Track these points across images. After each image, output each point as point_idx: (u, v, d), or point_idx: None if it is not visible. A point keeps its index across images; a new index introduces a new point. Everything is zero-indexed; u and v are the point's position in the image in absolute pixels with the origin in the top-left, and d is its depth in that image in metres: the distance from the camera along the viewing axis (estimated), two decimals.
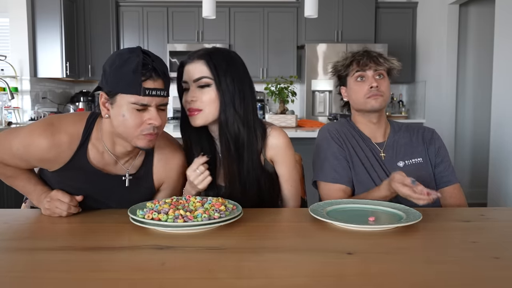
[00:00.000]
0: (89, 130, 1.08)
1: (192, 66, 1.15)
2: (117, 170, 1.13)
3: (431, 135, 1.44)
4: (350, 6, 4.92)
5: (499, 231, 1.00)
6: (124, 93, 0.98)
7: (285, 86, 3.37)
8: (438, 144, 1.43)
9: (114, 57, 1.01)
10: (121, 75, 0.97)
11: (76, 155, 1.07)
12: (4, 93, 3.94)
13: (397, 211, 1.09)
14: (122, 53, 1.00)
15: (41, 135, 1.03)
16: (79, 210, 1.11)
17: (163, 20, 5.00)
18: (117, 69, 0.98)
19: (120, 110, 1.00)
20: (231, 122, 1.15)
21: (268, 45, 4.99)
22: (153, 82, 0.99)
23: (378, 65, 1.36)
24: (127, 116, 0.99)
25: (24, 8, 4.27)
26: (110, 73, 0.99)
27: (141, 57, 0.98)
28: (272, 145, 1.21)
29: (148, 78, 0.98)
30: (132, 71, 0.97)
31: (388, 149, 1.40)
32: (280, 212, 1.23)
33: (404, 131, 1.44)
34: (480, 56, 4.38)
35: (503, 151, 3.20)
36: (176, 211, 0.97)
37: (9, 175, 1.14)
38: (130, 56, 0.98)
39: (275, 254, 0.82)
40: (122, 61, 0.98)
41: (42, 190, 1.13)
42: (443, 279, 0.70)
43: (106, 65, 1.01)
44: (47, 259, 0.79)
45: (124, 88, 0.98)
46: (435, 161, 1.40)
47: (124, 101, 0.99)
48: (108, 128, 1.06)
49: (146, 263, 0.76)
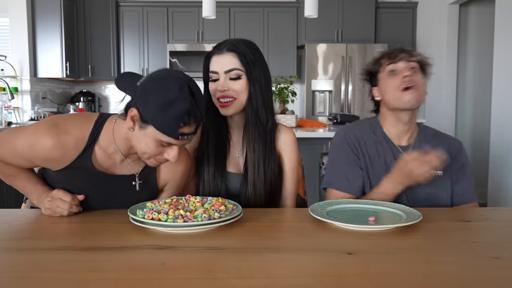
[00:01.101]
0: (97, 132, 1.07)
1: (222, 58, 1.20)
2: (122, 171, 1.13)
3: (457, 149, 1.37)
4: (350, 6, 4.92)
5: (499, 231, 1.00)
6: (158, 130, 0.95)
7: (285, 86, 3.37)
8: (462, 160, 1.37)
9: (161, 86, 0.95)
10: (162, 114, 0.94)
11: (81, 156, 1.06)
12: (4, 93, 3.94)
13: (397, 211, 1.09)
14: (170, 88, 0.94)
15: (46, 134, 1.02)
16: (80, 209, 1.11)
17: (163, 20, 5.00)
18: (160, 106, 0.93)
19: (145, 138, 0.98)
20: (260, 110, 1.23)
21: (268, 45, 4.99)
22: (189, 128, 0.97)
23: (410, 56, 1.30)
24: (150, 145, 0.99)
25: (24, 8, 4.27)
26: (152, 104, 0.94)
27: (188, 102, 0.94)
28: (283, 139, 1.30)
29: (187, 124, 0.96)
30: (175, 117, 0.93)
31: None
32: (280, 212, 1.23)
33: (431, 138, 1.38)
34: (480, 56, 4.38)
35: (503, 151, 3.20)
36: (176, 211, 0.97)
37: (9, 174, 1.13)
38: (178, 97, 0.94)
39: (275, 254, 0.82)
40: (168, 100, 0.93)
41: (43, 190, 1.12)
42: (443, 279, 0.70)
43: (149, 89, 0.95)
44: (47, 259, 0.79)
45: (161, 127, 0.95)
46: (456, 177, 1.35)
47: (154, 134, 0.96)
48: (124, 134, 1.04)
49: (146, 263, 0.76)
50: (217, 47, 1.23)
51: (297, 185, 1.36)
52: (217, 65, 1.21)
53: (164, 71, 0.99)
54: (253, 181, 1.24)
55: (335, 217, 1.04)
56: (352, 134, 1.37)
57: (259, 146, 1.25)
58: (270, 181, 1.26)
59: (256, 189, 1.24)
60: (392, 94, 1.31)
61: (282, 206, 1.34)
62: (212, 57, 1.23)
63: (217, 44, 1.25)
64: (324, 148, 3.10)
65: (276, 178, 1.29)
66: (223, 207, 1.01)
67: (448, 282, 0.69)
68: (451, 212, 1.21)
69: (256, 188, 1.24)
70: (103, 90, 5.42)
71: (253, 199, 1.25)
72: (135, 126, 0.99)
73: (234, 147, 1.31)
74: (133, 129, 0.99)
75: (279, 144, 1.30)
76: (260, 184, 1.25)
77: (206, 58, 1.25)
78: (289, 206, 1.33)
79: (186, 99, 0.94)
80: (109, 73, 5.00)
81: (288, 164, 1.31)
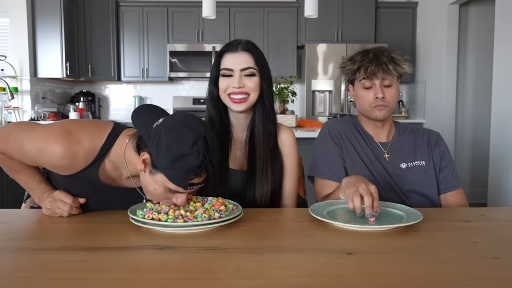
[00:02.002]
0: (109, 146, 1.05)
1: (238, 56, 1.25)
2: (127, 184, 1.12)
3: (436, 138, 1.42)
4: (350, 6, 4.92)
5: (499, 231, 1.00)
6: (167, 178, 0.93)
7: (285, 86, 3.37)
8: (443, 148, 1.41)
9: (175, 137, 0.92)
10: (173, 165, 0.91)
11: (89, 167, 1.05)
12: (4, 93, 3.94)
13: (397, 211, 1.09)
14: (184, 141, 0.91)
15: (58, 142, 0.99)
16: (80, 211, 1.11)
17: (163, 20, 5.00)
18: (173, 158, 0.91)
19: (154, 183, 0.96)
20: (270, 107, 1.30)
21: (268, 45, 4.99)
22: (199, 179, 0.96)
23: (386, 73, 1.29)
24: (158, 191, 0.97)
25: (24, 8, 4.27)
26: (163, 154, 0.92)
27: (201, 157, 0.92)
28: (283, 138, 1.34)
29: (197, 176, 0.94)
30: (186, 171, 0.92)
31: (392, 150, 1.39)
32: (280, 212, 1.23)
33: (409, 133, 1.43)
34: (480, 56, 4.38)
35: (503, 151, 3.20)
36: (176, 211, 0.97)
37: (13, 169, 1.12)
38: (192, 152, 0.91)
39: (275, 254, 0.82)
40: (181, 154, 0.91)
41: (45, 189, 1.12)
42: (443, 279, 0.70)
43: (163, 137, 0.92)
44: (47, 259, 0.79)
45: (171, 177, 0.93)
46: (440, 166, 1.39)
47: (163, 181, 0.95)
48: (135, 165, 1.01)
49: (146, 263, 0.77)
50: (230, 46, 1.27)
51: (297, 184, 1.38)
52: (232, 63, 1.25)
53: (181, 119, 0.95)
54: (261, 178, 1.26)
55: (335, 217, 1.04)
56: (335, 127, 1.43)
57: (267, 143, 1.28)
58: (275, 179, 1.29)
59: (262, 186, 1.27)
60: (363, 107, 1.37)
61: (282, 205, 1.34)
62: (226, 55, 1.26)
63: (229, 43, 1.29)
64: None
65: (280, 176, 1.32)
66: (223, 207, 1.01)
67: (448, 282, 0.69)
68: (451, 212, 1.21)
69: (262, 185, 1.27)
70: (103, 90, 5.42)
71: (259, 197, 1.26)
72: (146, 169, 0.96)
73: (235, 145, 1.33)
74: (144, 171, 0.97)
75: (279, 143, 1.34)
76: (267, 181, 1.27)
77: (218, 55, 1.28)
78: (290, 205, 1.34)
79: (200, 153, 0.92)
80: (109, 73, 5.00)
81: (288, 163, 1.34)
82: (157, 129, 0.93)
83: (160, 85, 5.35)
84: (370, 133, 1.42)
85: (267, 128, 1.29)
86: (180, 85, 5.44)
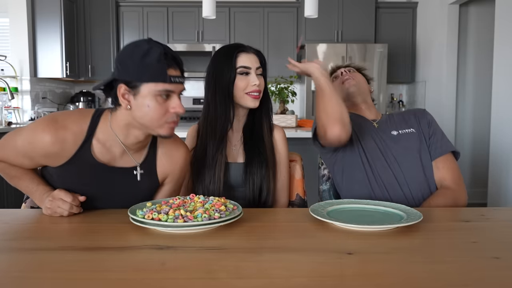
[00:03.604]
0: (94, 125, 1.09)
1: (251, 56, 1.34)
2: (122, 163, 1.14)
3: (422, 111, 1.55)
4: (350, 6, 4.92)
5: (499, 231, 1.00)
6: (150, 82, 1.00)
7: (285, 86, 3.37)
8: (429, 117, 1.51)
9: (131, 49, 1.02)
10: (145, 65, 0.99)
11: (80, 150, 1.08)
12: (4, 93, 3.94)
13: (397, 211, 1.09)
14: (139, 45, 1.02)
15: (45, 130, 1.04)
16: (81, 210, 1.11)
17: (163, 20, 5.00)
18: (140, 60, 1.00)
19: (144, 100, 1.01)
20: (269, 105, 1.42)
21: (268, 45, 4.99)
22: (174, 70, 1.03)
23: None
24: (152, 106, 1.02)
25: (24, 8, 4.27)
26: (131, 65, 1.00)
27: (161, 47, 1.02)
28: (277, 135, 1.43)
29: (170, 66, 1.02)
30: (157, 60, 1.00)
31: (381, 122, 1.52)
32: (280, 212, 1.23)
33: (396, 114, 1.57)
34: (480, 56, 4.38)
35: (503, 151, 3.20)
36: (176, 211, 0.97)
37: (13, 175, 1.16)
38: (151, 47, 1.01)
39: (275, 254, 0.82)
40: (143, 52, 1.00)
41: (45, 190, 1.13)
42: (443, 279, 0.70)
43: (123, 58, 1.02)
44: (47, 259, 0.79)
45: (150, 77, 1.00)
46: (429, 133, 1.47)
47: (149, 90, 1.01)
48: (124, 120, 1.07)
49: (146, 263, 0.77)
50: (241, 47, 1.35)
51: (289, 177, 1.46)
52: (248, 62, 1.32)
53: (127, 44, 1.06)
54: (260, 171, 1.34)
55: (335, 217, 1.04)
56: None
57: (270, 135, 1.40)
58: (273, 171, 1.37)
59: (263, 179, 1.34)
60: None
61: (276, 198, 1.40)
62: (242, 55, 1.33)
63: (238, 44, 1.36)
64: None
65: (274, 168, 1.40)
66: (224, 207, 1.01)
67: (448, 282, 0.69)
68: (451, 212, 1.21)
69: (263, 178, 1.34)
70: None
71: (258, 189, 1.33)
72: (130, 98, 1.03)
73: (230, 141, 1.40)
74: (129, 105, 1.03)
75: (273, 140, 1.43)
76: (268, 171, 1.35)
77: (231, 55, 1.32)
78: (284, 197, 1.42)
79: (158, 46, 1.02)
80: (109, 73, 4.96)
81: (281, 158, 1.42)
82: (116, 64, 1.05)
83: None
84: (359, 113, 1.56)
85: (268, 122, 1.40)
86: None
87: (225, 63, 1.32)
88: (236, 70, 1.31)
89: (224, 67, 1.32)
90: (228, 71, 1.31)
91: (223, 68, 1.32)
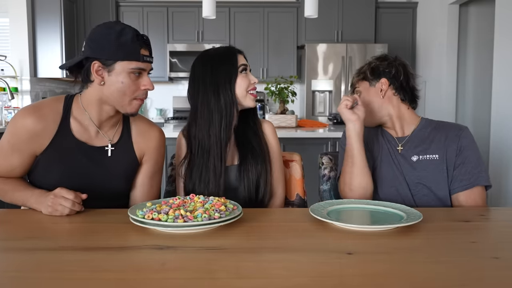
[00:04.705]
0: (69, 106, 1.18)
1: (242, 56, 1.35)
2: (99, 142, 1.21)
3: (456, 132, 1.31)
4: (350, 6, 4.93)
5: (499, 231, 1.00)
6: (124, 60, 1.10)
7: (285, 86, 3.37)
8: (462, 144, 1.29)
9: (105, 29, 1.11)
10: (120, 44, 1.09)
11: (60, 128, 1.15)
12: (4, 93, 3.93)
13: (398, 211, 1.09)
14: (112, 26, 1.11)
15: (25, 115, 1.13)
16: (82, 208, 1.11)
17: (163, 20, 5.00)
18: (115, 39, 1.09)
19: (118, 77, 1.11)
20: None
21: (268, 45, 4.99)
22: (145, 50, 1.14)
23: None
24: (125, 82, 1.12)
25: (24, 8, 4.27)
26: (107, 44, 1.09)
27: (132, 28, 1.13)
28: (266, 129, 1.42)
29: (142, 46, 1.13)
30: (131, 40, 1.10)
31: (407, 143, 1.36)
32: (280, 212, 1.23)
33: (433, 128, 1.36)
34: (480, 56, 4.38)
35: (503, 151, 3.20)
36: (176, 211, 0.97)
37: (7, 190, 1.19)
38: (124, 28, 1.11)
39: (275, 254, 0.82)
40: (118, 32, 1.10)
41: (42, 192, 1.13)
42: (443, 279, 0.70)
43: (97, 37, 1.11)
44: (47, 259, 0.79)
45: (124, 55, 1.10)
46: (455, 162, 1.29)
47: (123, 68, 1.11)
48: (95, 96, 1.15)
49: (146, 263, 0.77)
50: (235, 48, 1.35)
51: (283, 170, 1.47)
52: (244, 61, 1.35)
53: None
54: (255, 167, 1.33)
55: (335, 217, 1.04)
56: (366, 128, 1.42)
57: (260, 132, 1.40)
58: (270, 164, 1.38)
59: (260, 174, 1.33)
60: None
61: (273, 191, 1.39)
62: (239, 54, 1.35)
63: (231, 46, 1.36)
64: (324, 148, 3.09)
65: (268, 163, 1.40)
66: (223, 207, 1.01)
67: (448, 282, 0.69)
68: (451, 212, 1.21)
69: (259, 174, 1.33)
70: None
71: (254, 186, 1.32)
72: (104, 75, 1.12)
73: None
74: (103, 80, 1.12)
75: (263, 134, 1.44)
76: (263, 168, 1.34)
77: (232, 55, 1.32)
78: (280, 188, 1.42)
79: (130, 28, 1.13)
80: None
81: (272, 150, 1.42)
82: (87, 43, 1.12)
83: (160, 85, 5.35)
84: (387, 129, 1.42)
85: (257, 118, 1.41)
86: (180, 85, 5.44)
87: (227, 64, 1.30)
88: (238, 69, 1.31)
89: (226, 68, 1.30)
90: (230, 72, 1.30)
91: (226, 71, 1.29)
